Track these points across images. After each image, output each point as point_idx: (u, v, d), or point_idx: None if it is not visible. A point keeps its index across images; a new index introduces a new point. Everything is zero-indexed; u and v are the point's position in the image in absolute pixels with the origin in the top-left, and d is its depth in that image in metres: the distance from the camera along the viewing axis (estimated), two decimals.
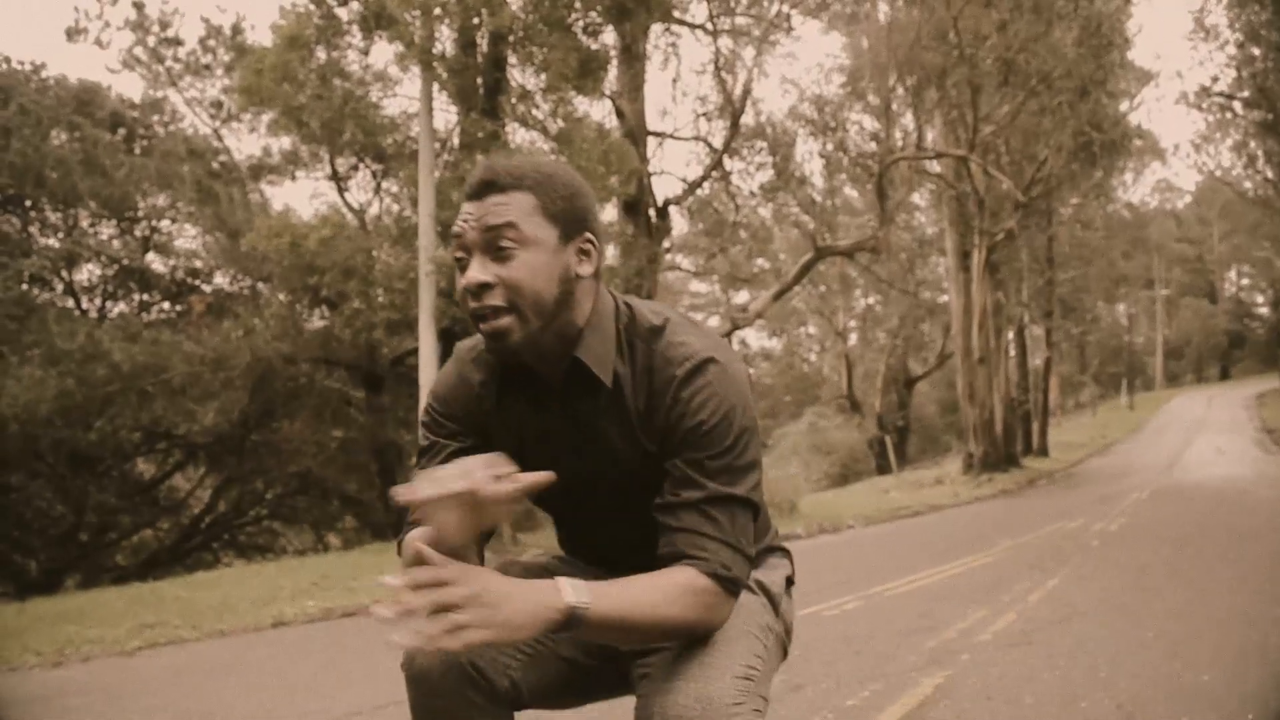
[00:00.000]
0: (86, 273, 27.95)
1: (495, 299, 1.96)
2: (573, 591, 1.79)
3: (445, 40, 17.96)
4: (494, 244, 1.96)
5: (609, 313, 2.09)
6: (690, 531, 1.97)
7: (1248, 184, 46.09)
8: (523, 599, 1.74)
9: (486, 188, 1.99)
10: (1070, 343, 56.29)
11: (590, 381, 2.05)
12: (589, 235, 2.04)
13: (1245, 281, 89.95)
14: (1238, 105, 37.02)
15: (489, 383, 2.18)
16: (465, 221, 1.99)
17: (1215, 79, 35.60)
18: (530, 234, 1.96)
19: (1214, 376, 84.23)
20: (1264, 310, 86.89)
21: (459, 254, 2.00)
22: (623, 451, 2.07)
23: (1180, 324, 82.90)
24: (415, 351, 18.77)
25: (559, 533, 2.37)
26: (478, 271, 1.96)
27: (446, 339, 17.36)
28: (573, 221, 2.02)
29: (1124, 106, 35.67)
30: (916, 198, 39.18)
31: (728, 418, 1.99)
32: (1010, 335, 40.00)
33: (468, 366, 2.21)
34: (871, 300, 51.80)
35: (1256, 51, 33.38)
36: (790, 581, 2.37)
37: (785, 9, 23.09)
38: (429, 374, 17.03)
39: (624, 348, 2.08)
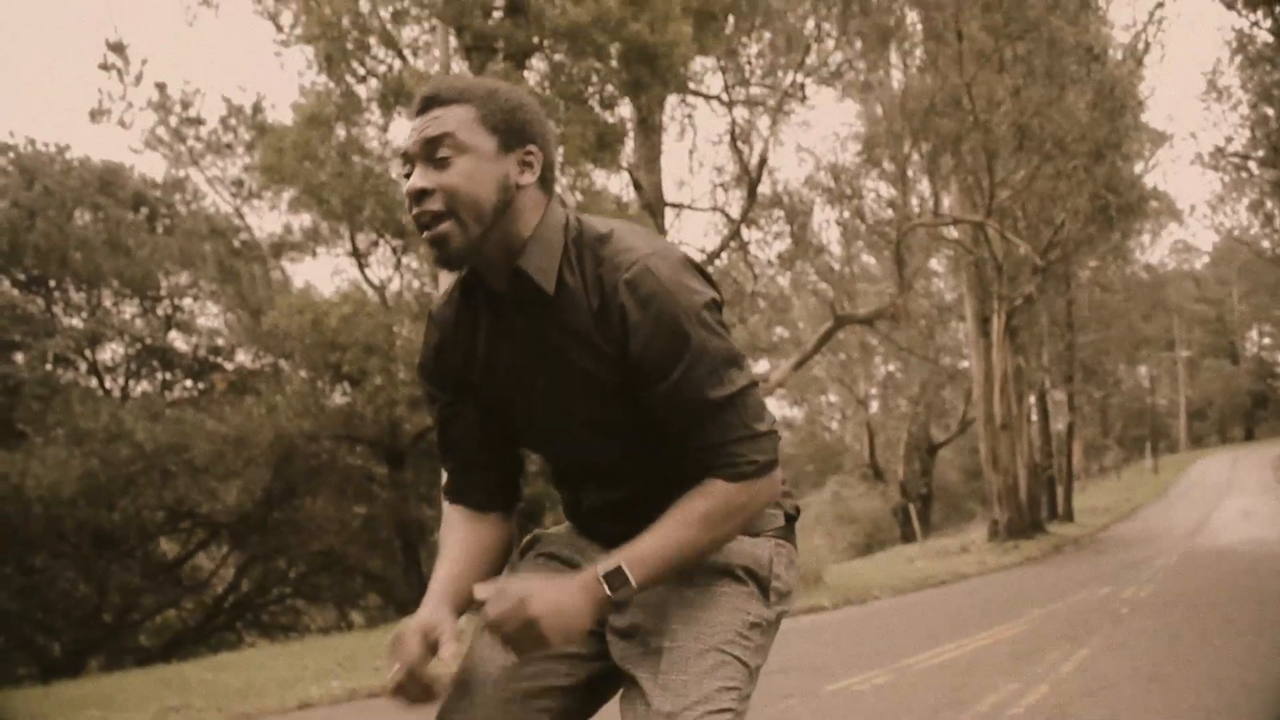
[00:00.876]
0: (110, 352, 28.14)
1: (434, 204, 1.99)
2: (610, 585, 1.94)
3: None
4: (433, 153, 2.00)
5: (558, 225, 2.09)
6: (706, 447, 2.03)
7: (1265, 243, 46.10)
8: (572, 604, 1.92)
9: (429, 102, 2.03)
10: (1093, 406, 55.98)
11: (535, 291, 2.05)
12: (531, 147, 2.06)
13: (1267, 341, 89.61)
14: (1253, 165, 37.09)
15: (460, 316, 2.20)
16: (410, 134, 2.03)
17: (1230, 139, 35.75)
18: (467, 141, 2.00)
19: (1238, 437, 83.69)
20: None
21: (405, 168, 2.03)
22: (583, 363, 2.06)
23: (1202, 385, 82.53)
24: None
25: (557, 484, 2.34)
26: (418, 179, 1.99)
27: None
28: (513, 132, 2.04)
29: (1139, 168, 35.73)
30: (934, 263, 39.23)
31: (687, 317, 1.99)
32: (1032, 400, 39.84)
33: (441, 313, 2.24)
34: (892, 367, 51.68)
35: (1270, 111, 33.48)
36: (790, 520, 2.31)
37: (800, 78, 23.27)
38: None
39: (572, 259, 2.07)
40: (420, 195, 1.99)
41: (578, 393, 2.09)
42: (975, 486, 48.71)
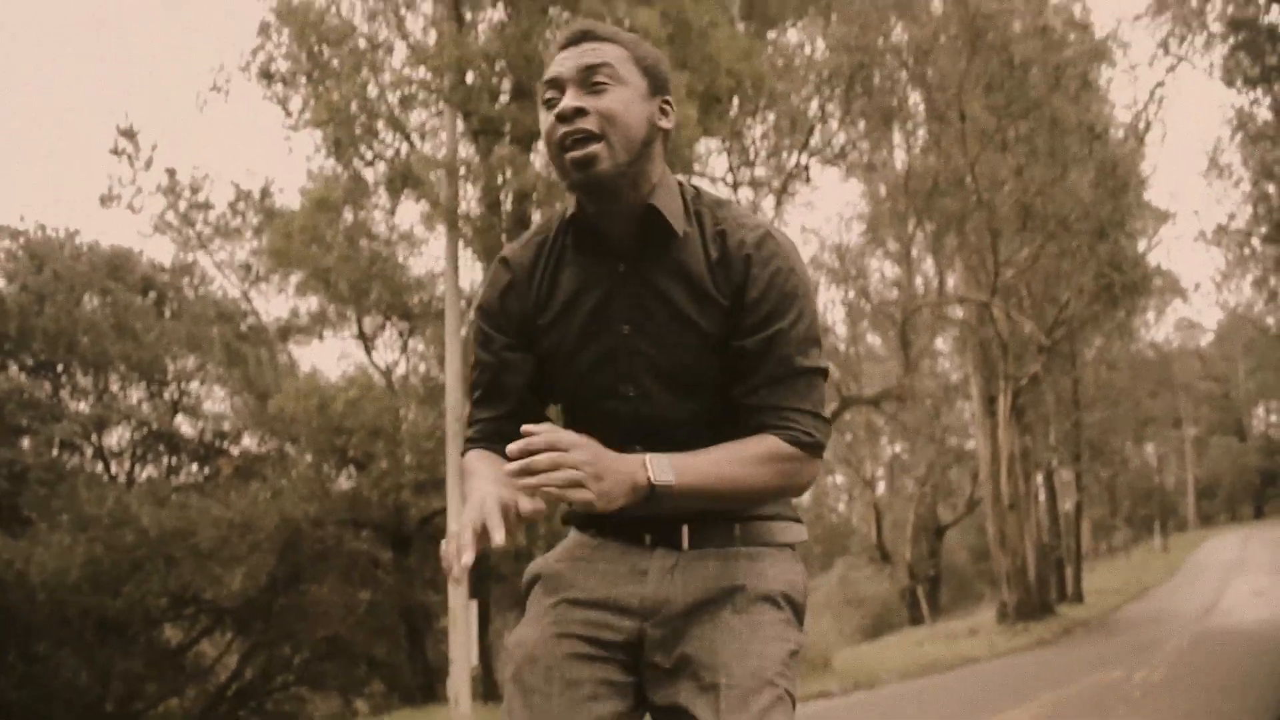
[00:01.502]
0: (116, 436, 28.09)
1: (589, 124, 2.05)
2: (655, 470, 1.97)
3: (470, 200, 18.24)
4: (589, 79, 2.08)
5: (674, 183, 2.20)
6: (771, 407, 2.10)
7: (1270, 320, 46.13)
8: (618, 472, 1.94)
9: (583, 35, 2.13)
10: (1100, 486, 55.74)
11: (663, 231, 2.13)
12: (668, 98, 2.19)
13: (1274, 418, 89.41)
14: (1256, 242, 37.18)
15: (540, 259, 2.24)
16: (562, 62, 2.11)
17: (1232, 216, 35.83)
18: (624, 75, 2.10)
19: (1248, 515, 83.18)
20: None
21: (550, 94, 2.11)
22: (686, 309, 2.13)
23: (1210, 463, 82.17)
24: (443, 511, 18.69)
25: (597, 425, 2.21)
26: (573, 98, 2.06)
27: None
28: (658, 79, 2.17)
29: (1143, 246, 35.86)
30: (940, 343, 39.25)
31: (799, 287, 2.13)
32: (1039, 480, 39.65)
33: (518, 255, 2.28)
34: (898, 448, 51.56)
35: (1271, 189, 33.63)
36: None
37: (804, 159, 23.41)
38: None
39: (690, 212, 2.18)
40: (575, 114, 2.05)
41: (668, 338, 2.14)
42: (983, 567, 48.35)
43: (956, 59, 22.45)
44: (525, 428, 1.89)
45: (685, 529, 2.17)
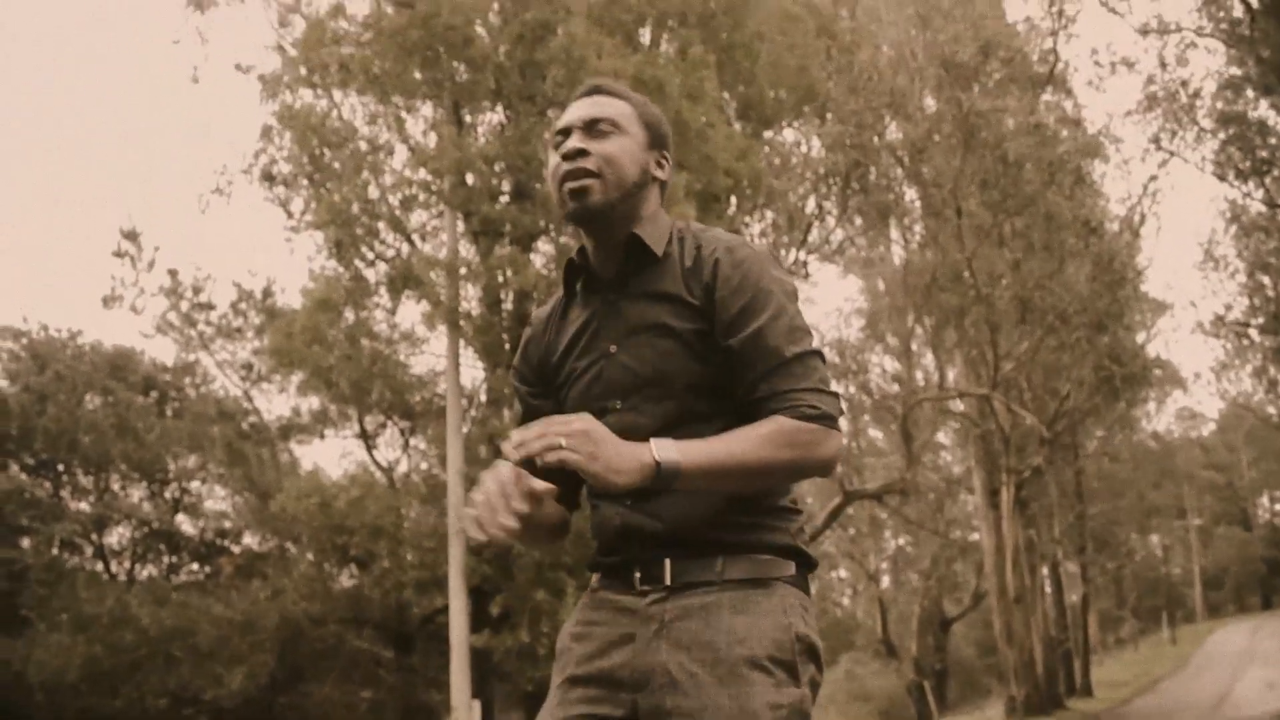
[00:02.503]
0: (116, 535, 28.05)
1: (588, 163, 2.33)
2: (659, 449, 2.10)
3: (471, 299, 18.37)
4: (595, 126, 2.37)
5: (666, 220, 2.44)
6: (772, 395, 2.25)
7: (1271, 409, 46.06)
8: (623, 448, 2.09)
9: (595, 90, 2.45)
10: (1106, 577, 55.38)
11: (644, 255, 2.37)
12: (666, 153, 2.47)
13: (1279, 508, 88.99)
14: (1253, 332, 37.27)
15: (552, 312, 2.53)
16: (573, 112, 2.41)
17: (1229, 307, 35.89)
18: (626, 126, 2.40)
19: (1255, 606, 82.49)
20: None
21: (558, 139, 2.40)
22: (663, 318, 2.33)
23: (1216, 553, 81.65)
24: (445, 610, 18.59)
25: None
26: (577, 141, 2.36)
27: (477, 597, 17.25)
28: (658, 135, 2.46)
29: (1141, 338, 35.94)
30: (942, 436, 39.22)
31: (773, 284, 2.31)
32: (1045, 572, 39.43)
33: (537, 312, 2.59)
34: (902, 541, 51.31)
35: (1266, 280, 33.79)
36: (804, 569, 2.42)
37: (802, 255, 23.58)
38: (459, 633, 16.85)
39: (674, 240, 2.41)
40: (578, 154, 2.34)
41: (647, 349, 2.33)
42: (990, 661, 47.86)
43: (951, 156, 22.64)
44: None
45: (668, 562, 2.28)
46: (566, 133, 2.39)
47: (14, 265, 72.06)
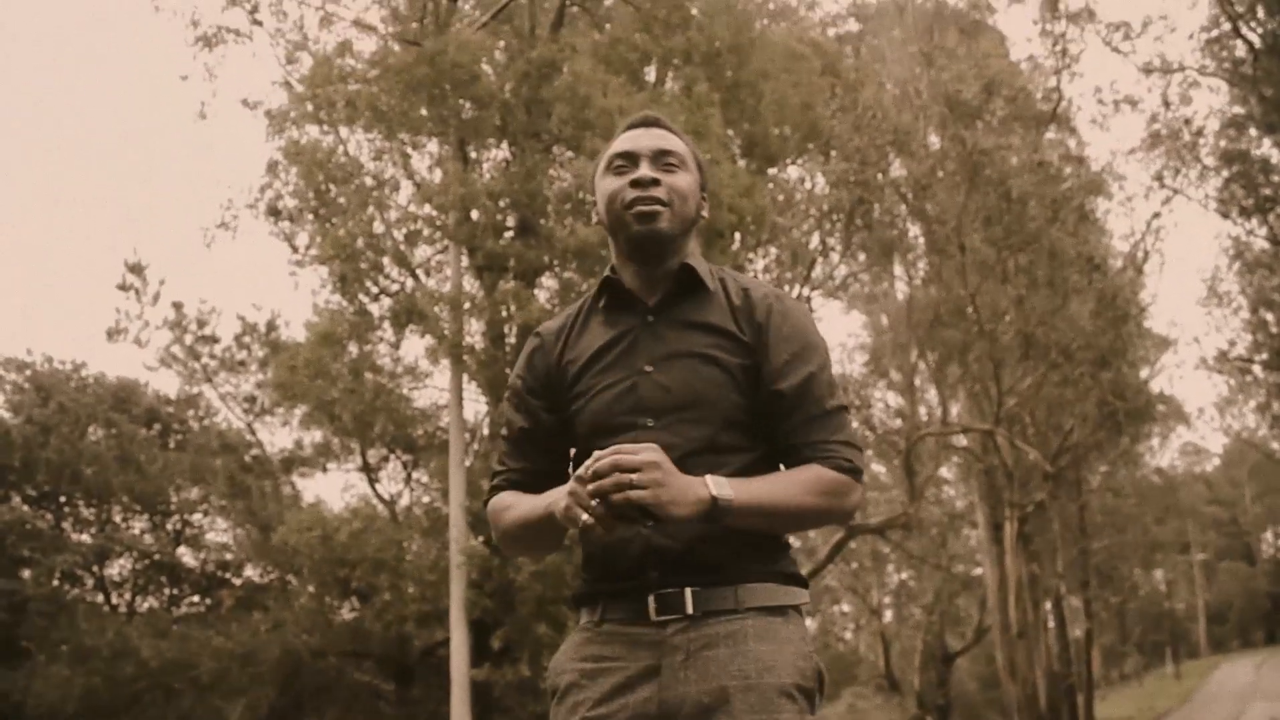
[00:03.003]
0: (118, 567, 28.01)
1: (660, 193, 2.44)
2: (715, 485, 2.22)
3: (475, 334, 18.40)
4: (663, 159, 2.48)
5: (702, 258, 2.57)
6: (813, 443, 2.38)
7: (1275, 444, 46.06)
8: (685, 485, 2.19)
9: (654, 121, 2.56)
10: (1109, 612, 55.18)
11: (695, 285, 2.48)
12: (705, 194, 2.59)
13: None
14: (1257, 369, 37.27)
15: (575, 317, 2.59)
16: (637, 139, 2.51)
17: (1232, 343, 35.95)
18: (688, 163, 2.52)
19: (1260, 641, 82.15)
20: None
21: (620, 162, 2.49)
22: (707, 349, 2.43)
23: (1220, 588, 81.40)
24: (446, 643, 18.55)
25: None
26: (649, 170, 2.46)
27: (478, 630, 17.21)
28: (704, 176, 2.59)
29: (1145, 373, 35.94)
30: (945, 471, 39.15)
31: (819, 339, 2.49)
32: (1048, 607, 39.32)
33: (547, 325, 2.64)
34: (905, 576, 51.16)
35: (1270, 316, 33.83)
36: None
37: (806, 291, 23.63)
38: (460, 666, 16.82)
39: (716, 279, 2.53)
40: (651, 183, 2.45)
41: (687, 373, 2.41)
42: (993, 696, 47.66)
43: (955, 193, 22.72)
44: (597, 453, 2.19)
45: (688, 592, 2.31)
46: (632, 158, 2.48)
47: (19, 297, 72.26)
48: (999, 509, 32.45)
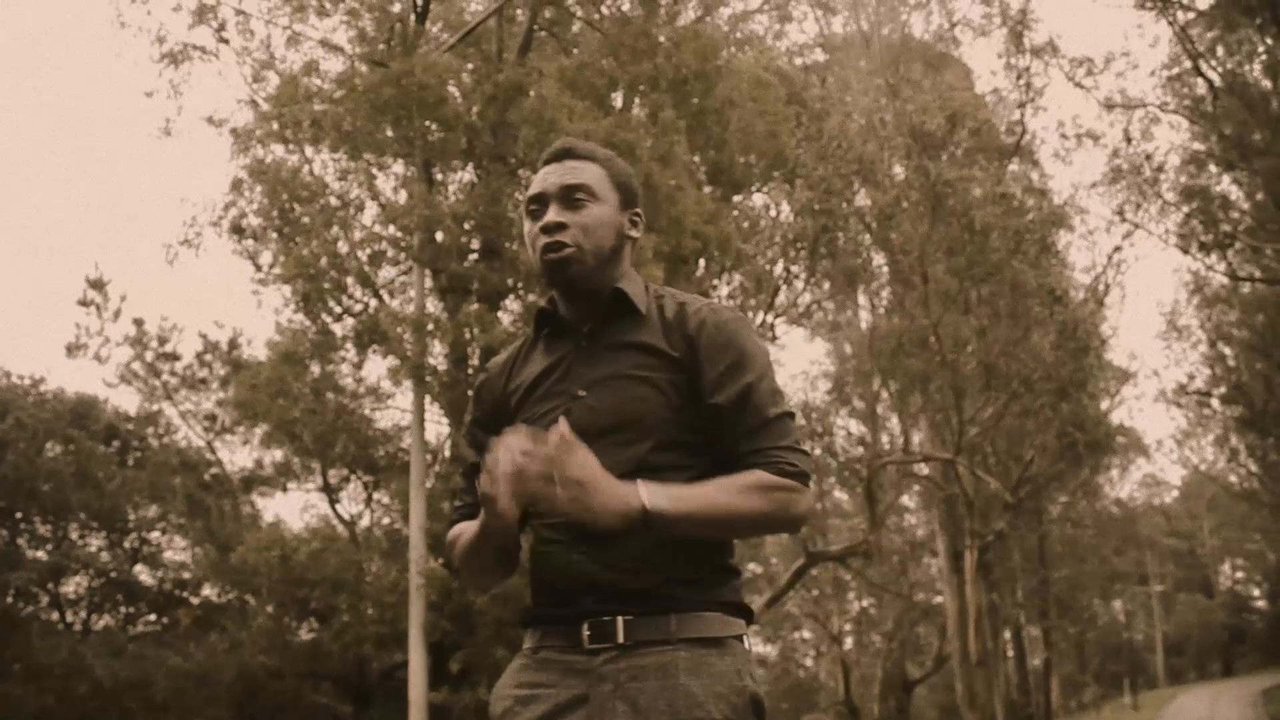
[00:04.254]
0: (73, 585, 27.75)
1: (565, 236, 2.42)
2: (648, 493, 2.18)
3: (437, 355, 18.37)
4: (570, 196, 2.45)
5: (639, 278, 2.55)
6: (754, 450, 2.33)
7: (1233, 477, 46.44)
8: (612, 494, 2.16)
9: (565, 153, 2.51)
10: (1068, 642, 55.41)
11: (626, 308, 2.47)
12: (638, 210, 2.55)
13: (1240, 575, 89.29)
14: (1215, 402, 37.60)
15: (518, 351, 2.61)
16: (546, 178, 2.49)
17: (1191, 377, 36.30)
18: (600, 192, 2.47)
19: (1217, 673, 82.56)
20: (1261, 604, 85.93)
21: (533, 206, 2.48)
22: (638, 369, 2.41)
23: (1178, 619, 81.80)
24: (405, 665, 18.47)
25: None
26: (555, 214, 2.44)
27: (437, 653, 17.14)
28: (629, 194, 2.54)
29: (1105, 405, 36.19)
30: (906, 499, 39.28)
31: (756, 347, 2.43)
32: (1007, 636, 39.49)
33: (493, 360, 2.68)
34: (866, 603, 51.24)
35: (1227, 350, 34.17)
36: (747, 621, 2.46)
37: (770, 318, 23.70)
38: (419, 689, 16.74)
39: (650, 298, 2.51)
40: (557, 227, 2.43)
41: (618, 394, 2.39)
42: None
43: (919, 223, 22.88)
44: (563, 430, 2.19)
45: (620, 621, 2.29)
46: (542, 200, 2.47)
47: None
48: (959, 538, 32.57)
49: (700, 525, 2.24)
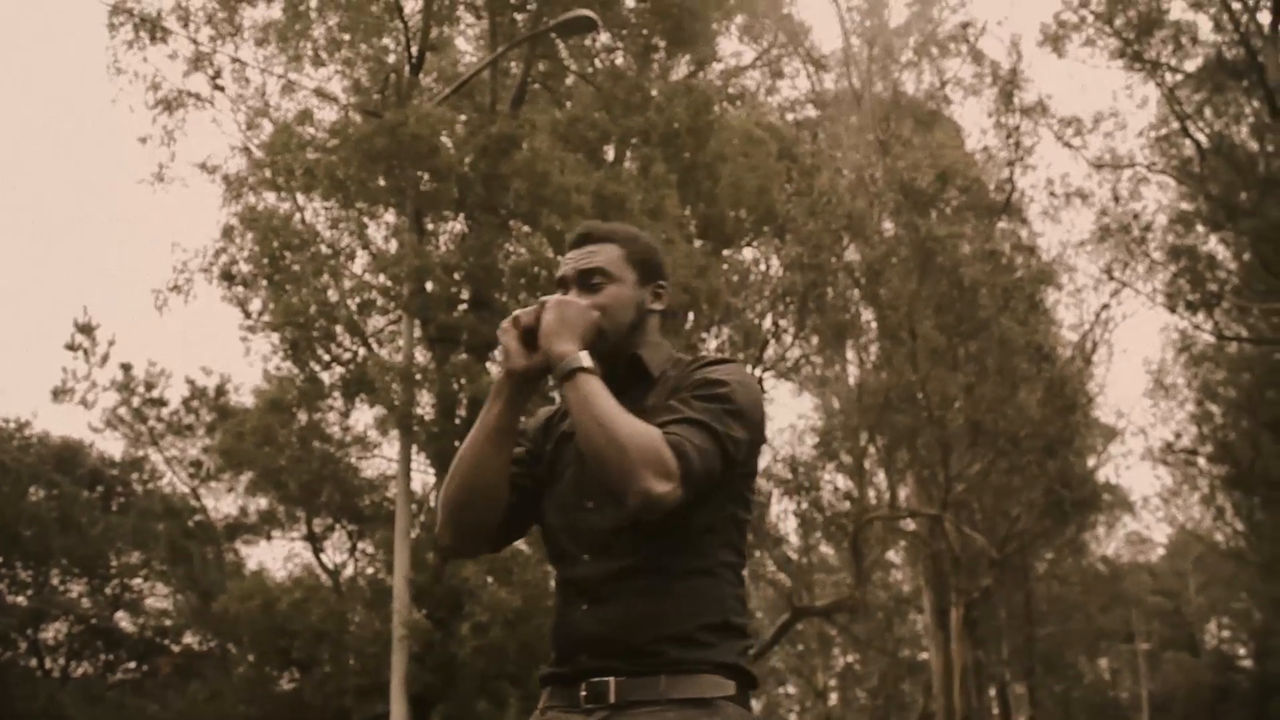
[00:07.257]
0: (53, 631, 27.53)
1: None
2: (583, 359, 2.42)
3: (425, 405, 18.33)
4: (588, 281, 2.61)
5: (668, 348, 2.72)
6: (669, 423, 2.41)
7: (1219, 536, 46.45)
8: (568, 333, 2.46)
9: (584, 238, 2.68)
10: (1054, 700, 55.24)
11: (640, 373, 2.62)
12: (662, 283, 2.71)
13: (1226, 634, 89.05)
14: (1202, 460, 37.64)
15: (550, 417, 2.75)
16: (566, 264, 2.66)
17: (1178, 435, 36.36)
18: (617, 273, 2.63)
19: None
20: (1247, 663, 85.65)
21: (559, 290, 2.64)
22: None
23: (1164, 678, 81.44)
24: (386, 717, 18.30)
25: (557, 561, 2.65)
26: (574, 298, 2.58)
27: (419, 705, 17.00)
28: (650, 269, 2.69)
29: (1092, 463, 36.22)
30: (892, 555, 39.18)
31: (736, 387, 2.49)
32: (993, 693, 39.31)
33: (544, 411, 2.82)
34: (850, 659, 50.99)
35: (1214, 409, 34.24)
36: (746, 686, 2.51)
37: (758, 372, 23.72)
38: None
39: (673, 365, 2.65)
40: None
41: None
42: None
43: (907, 279, 22.98)
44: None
45: (613, 682, 2.35)
46: (564, 284, 2.63)
47: None
48: (945, 594, 32.45)
49: (588, 413, 2.38)
